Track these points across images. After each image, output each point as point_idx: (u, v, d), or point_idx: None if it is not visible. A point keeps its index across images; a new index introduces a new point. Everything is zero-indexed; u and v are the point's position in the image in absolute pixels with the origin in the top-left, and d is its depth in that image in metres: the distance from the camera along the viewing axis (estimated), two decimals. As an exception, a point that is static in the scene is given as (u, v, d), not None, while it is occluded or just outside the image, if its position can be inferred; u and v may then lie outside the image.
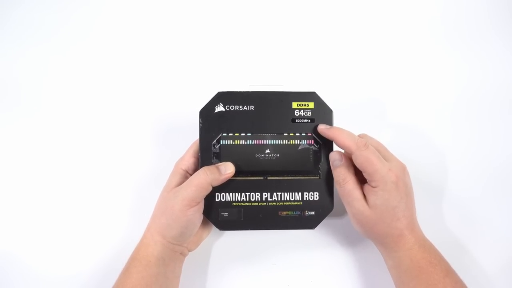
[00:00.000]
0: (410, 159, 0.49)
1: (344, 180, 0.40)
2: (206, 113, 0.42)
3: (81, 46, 0.54)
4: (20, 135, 0.51)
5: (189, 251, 0.44)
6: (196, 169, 0.42)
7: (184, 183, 0.40)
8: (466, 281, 0.39)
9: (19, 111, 0.52)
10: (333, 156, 0.41)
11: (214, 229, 0.47)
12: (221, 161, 0.42)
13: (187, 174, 0.42)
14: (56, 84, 0.53)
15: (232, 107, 0.42)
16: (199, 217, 0.41)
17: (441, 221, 0.49)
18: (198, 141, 0.43)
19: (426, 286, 0.38)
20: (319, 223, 0.43)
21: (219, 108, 0.42)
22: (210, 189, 0.40)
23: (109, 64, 0.54)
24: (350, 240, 0.48)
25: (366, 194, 0.40)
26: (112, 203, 0.50)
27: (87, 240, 0.48)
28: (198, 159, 0.43)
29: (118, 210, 0.49)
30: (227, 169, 0.41)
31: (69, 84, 0.53)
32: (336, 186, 0.42)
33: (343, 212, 0.48)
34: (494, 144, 0.51)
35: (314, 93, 0.43)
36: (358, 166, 0.40)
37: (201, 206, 0.41)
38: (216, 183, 0.40)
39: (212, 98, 0.43)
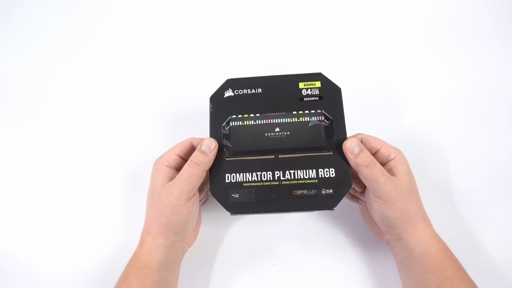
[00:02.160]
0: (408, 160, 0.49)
1: (373, 161, 0.38)
2: (216, 99, 0.43)
3: (86, 37, 0.54)
4: (21, 135, 0.51)
5: (189, 246, 0.43)
6: (180, 165, 0.41)
7: (177, 178, 0.39)
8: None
9: (20, 111, 0.51)
10: (351, 144, 0.39)
11: (214, 230, 0.47)
12: (231, 143, 0.41)
13: (170, 169, 0.41)
14: (58, 79, 0.53)
15: (240, 91, 0.43)
16: (197, 206, 0.41)
17: (441, 220, 0.47)
18: (186, 141, 0.42)
19: (452, 277, 0.38)
20: (338, 201, 0.39)
21: (228, 93, 0.43)
22: (204, 174, 0.39)
23: (112, 61, 0.54)
24: (350, 240, 0.48)
25: (390, 172, 0.40)
26: (112, 203, 0.49)
27: (87, 240, 0.48)
28: (183, 155, 0.42)
29: (118, 210, 0.49)
30: (210, 146, 0.40)
31: (71, 79, 0.53)
32: (362, 174, 0.39)
33: (343, 213, 0.48)
34: (493, 145, 0.51)
35: (320, 74, 0.44)
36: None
37: (197, 195, 0.40)
38: (208, 165, 0.39)
39: (221, 85, 0.44)
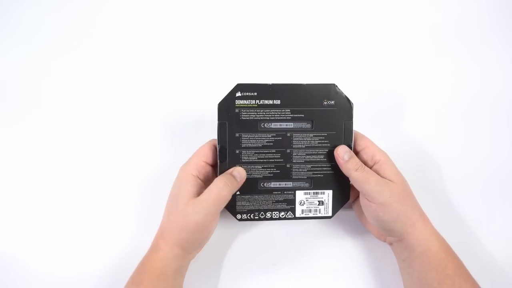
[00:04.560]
0: (406, 163, 0.49)
1: (362, 164, 0.40)
2: (226, 107, 0.42)
3: (87, 38, 0.54)
4: (21, 136, 0.51)
5: (197, 253, 0.44)
6: (207, 174, 0.42)
7: (205, 196, 0.39)
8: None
9: (19, 112, 0.51)
10: (342, 150, 0.42)
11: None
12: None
13: (198, 180, 0.41)
14: (58, 80, 0.53)
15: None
16: (217, 224, 0.42)
17: (438, 225, 0.45)
18: (208, 144, 0.42)
19: (453, 274, 0.38)
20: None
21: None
22: (230, 197, 0.41)
23: (113, 62, 0.53)
24: (351, 240, 0.48)
25: (379, 174, 0.40)
26: (116, 204, 0.49)
27: (91, 241, 0.48)
28: (211, 162, 0.42)
29: (122, 212, 0.49)
30: (241, 174, 0.42)
31: (72, 81, 0.53)
32: (353, 177, 0.40)
33: (343, 212, 0.48)
34: (492, 148, 0.51)
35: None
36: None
37: (219, 214, 0.41)
38: (236, 189, 0.41)
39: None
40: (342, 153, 0.41)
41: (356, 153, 0.43)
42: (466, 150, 0.51)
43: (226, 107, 0.42)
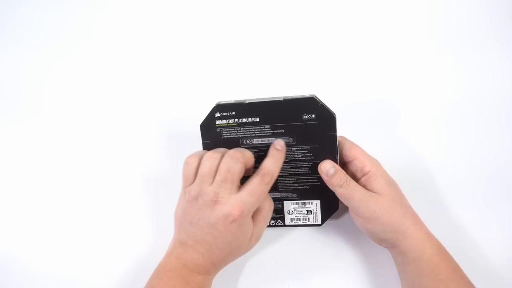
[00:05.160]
0: (403, 166, 0.49)
1: (346, 180, 0.40)
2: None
3: (82, 49, 0.54)
4: (23, 135, 0.51)
5: None
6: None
7: (264, 219, 0.41)
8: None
9: (21, 111, 0.52)
10: (326, 166, 0.40)
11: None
12: None
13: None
14: (57, 87, 0.53)
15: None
16: None
17: (436, 226, 0.44)
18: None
19: (447, 279, 0.38)
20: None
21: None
22: None
23: (110, 67, 0.54)
24: (350, 240, 0.48)
25: (366, 187, 0.40)
26: (114, 204, 0.49)
27: (91, 242, 0.48)
28: None
29: (119, 212, 0.49)
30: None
31: (71, 80, 0.53)
32: (338, 194, 0.40)
33: (344, 213, 0.48)
34: (490, 151, 0.50)
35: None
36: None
37: None
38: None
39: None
40: (325, 169, 0.40)
41: (345, 164, 0.42)
42: (464, 153, 0.50)
43: (208, 128, 0.42)
